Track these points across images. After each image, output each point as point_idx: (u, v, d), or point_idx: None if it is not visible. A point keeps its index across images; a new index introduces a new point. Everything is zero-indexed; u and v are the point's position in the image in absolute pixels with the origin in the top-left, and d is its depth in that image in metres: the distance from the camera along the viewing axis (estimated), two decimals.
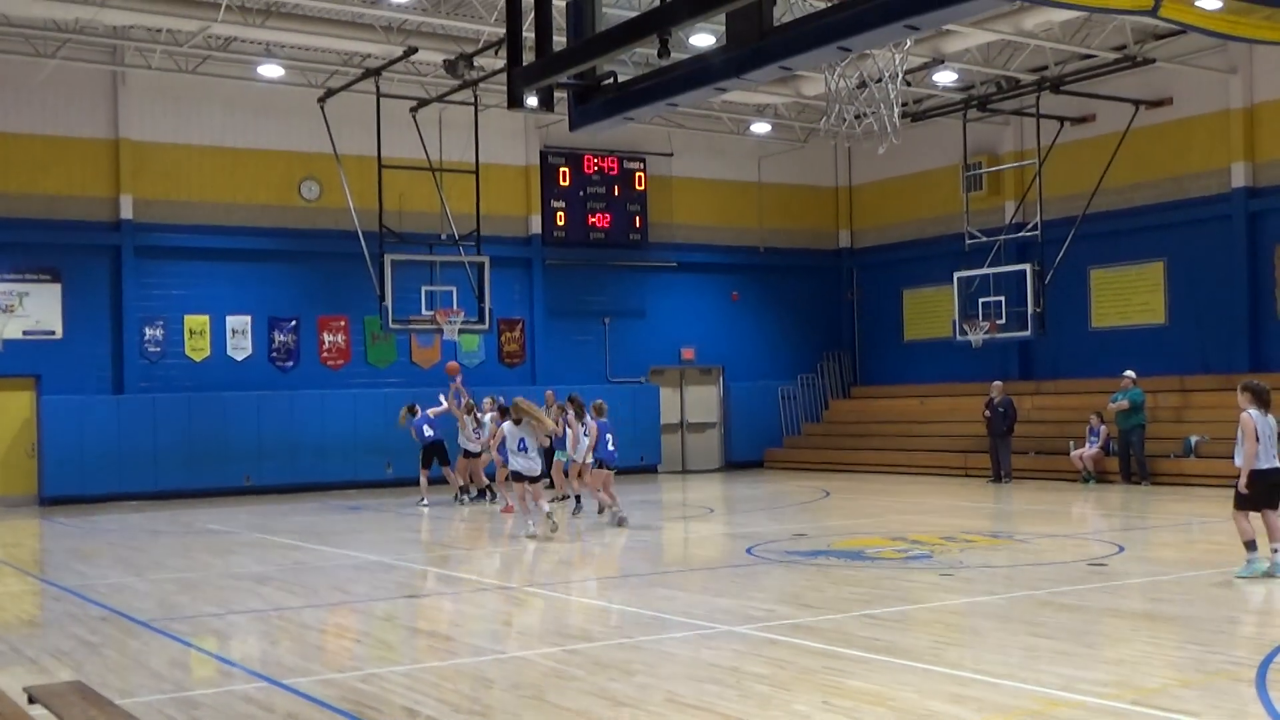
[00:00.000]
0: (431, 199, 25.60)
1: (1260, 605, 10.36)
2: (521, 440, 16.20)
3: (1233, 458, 11.81)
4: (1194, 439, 22.78)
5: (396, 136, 25.02)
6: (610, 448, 17.64)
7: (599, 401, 18.07)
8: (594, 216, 29.18)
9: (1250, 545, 11.46)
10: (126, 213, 24.86)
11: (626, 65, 8.17)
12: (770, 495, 23.30)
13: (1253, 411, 11.36)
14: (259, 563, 14.52)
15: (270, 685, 8.11)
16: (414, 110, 25.11)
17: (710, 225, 30.87)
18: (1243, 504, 11.47)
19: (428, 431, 21.80)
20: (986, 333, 25.78)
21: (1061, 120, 26.40)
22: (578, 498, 19.16)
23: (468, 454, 21.35)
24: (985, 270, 26.08)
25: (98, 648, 9.52)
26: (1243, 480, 11.44)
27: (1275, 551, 11.43)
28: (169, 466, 24.38)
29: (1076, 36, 23.76)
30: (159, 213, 25.25)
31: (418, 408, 21.99)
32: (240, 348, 25.94)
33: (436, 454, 21.92)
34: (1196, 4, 17.68)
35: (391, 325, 23.95)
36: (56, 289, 24.42)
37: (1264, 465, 11.32)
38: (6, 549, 16.94)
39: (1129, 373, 23.09)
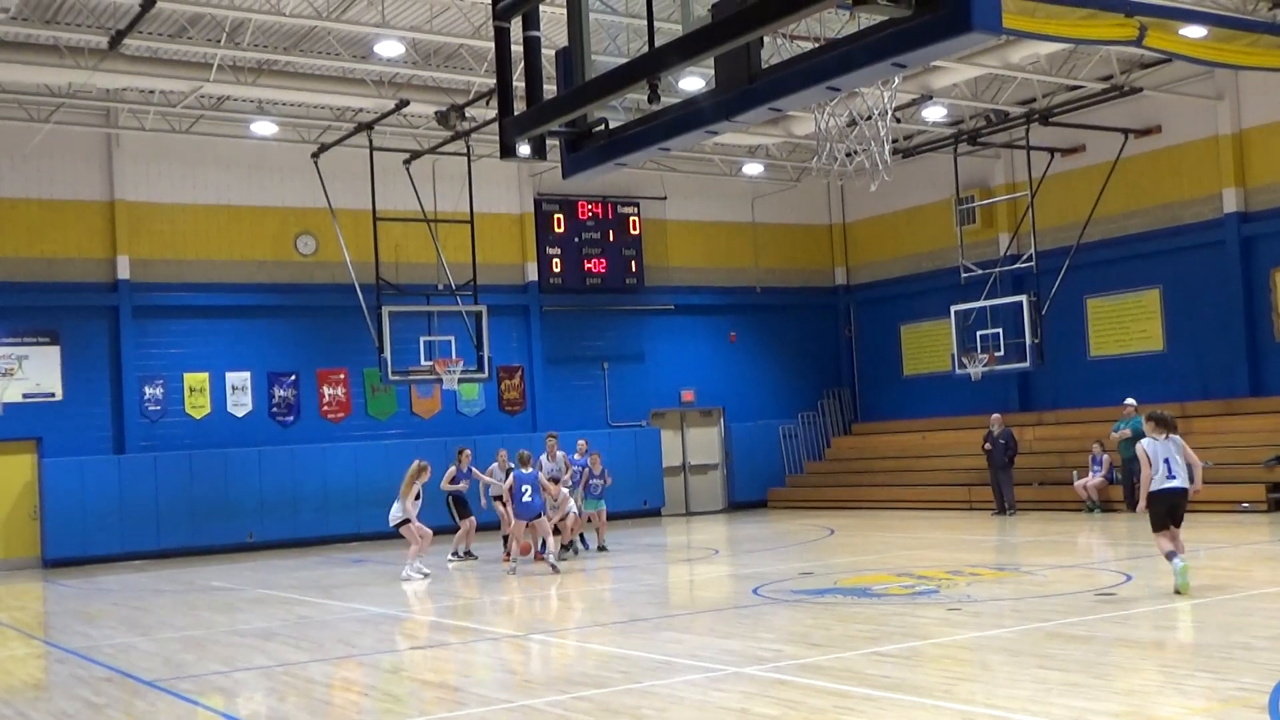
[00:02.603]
0: (427, 250, 25.73)
1: (1271, 630, 10.32)
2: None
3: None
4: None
5: (391, 189, 25.18)
6: (525, 499, 17.79)
7: (523, 452, 18.59)
8: (589, 262, 29.26)
9: (1172, 556, 12.46)
10: (124, 273, 24.93)
11: (617, 111, 8.22)
12: (775, 534, 23.24)
13: (1145, 441, 12.55)
14: (264, 619, 14.46)
15: None
16: (407, 162, 25.27)
17: (706, 267, 30.97)
18: (1155, 525, 12.57)
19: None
20: (985, 365, 25.81)
21: (1052, 151, 26.54)
22: (573, 543, 19.70)
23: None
24: (982, 303, 26.15)
25: (103, 709, 9.47)
26: (1141, 503, 12.67)
27: (1179, 561, 12.36)
28: (171, 525, 24.33)
29: (1063, 68, 23.92)
30: (156, 272, 25.32)
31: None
32: (240, 404, 25.94)
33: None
34: (1181, 32, 17.87)
35: (391, 377, 23.99)
36: (55, 351, 24.45)
37: (1158, 487, 12.45)
38: (10, 612, 16.87)
39: (1130, 400, 23.10)
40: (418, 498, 18.74)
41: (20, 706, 9.77)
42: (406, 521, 18.59)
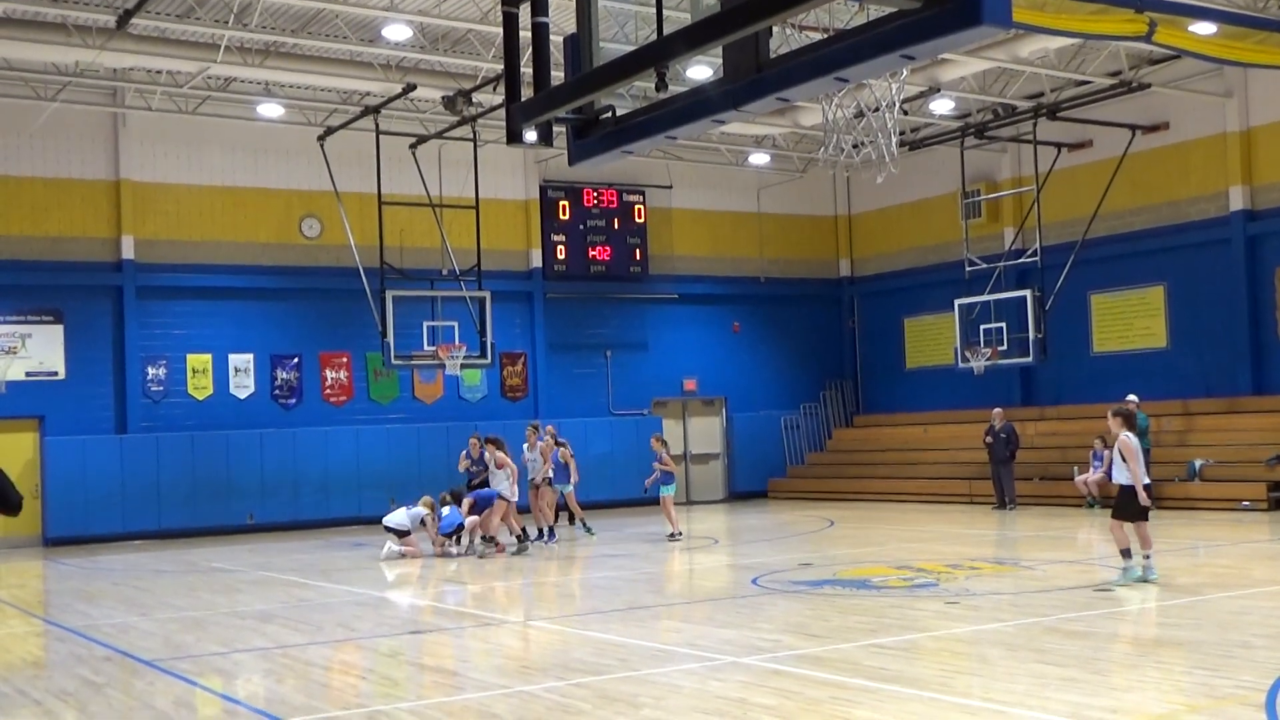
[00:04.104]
0: (432, 235, 25.71)
1: (1269, 629, 10.32)
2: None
3: (1109, 475, 13.30)
4: (1198, 463, 22.76)
5: (396, 173, 25.15)
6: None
7: (438, 496, 19.36)
8: (594, 249, 29.25)
9: (1125, 554, 12.75)
10: (128, 253, 24.94)
11: (624, 99, 8.20)
12: (775, 525, 23.25)
13: (1130, 435, 12.66)
14: (263, 600, 14.49)
15: None
16: (413, 147, 25.24)
17: (710, 256, 30.94)
18: (1116, 514, 12.81)
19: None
20: (988, 359, 25.79)
21: (1059, 146, 26.49)
22: (550, 529, 20.06)
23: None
24: (986, 297, 26.12)
25: (102, 688, 9.49)
26: (1143, 496, 12.55)
27: (1147, 558, 12.63)
28: (172, 505, 24.37)
29: (1072, 63, 23.87)
30: (160, 253, 25.32)
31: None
32: (243, 386, 25.96)
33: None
34: (1191, 29, 17.78)
35: (394, 361, 24.00)
36: (59, 330, 24.46)
37: (1146, 481, 12.66)
38: (10, 590, 16.90)
39: (1132, 397, 23.04)
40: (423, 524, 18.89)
41: (19, 684, 9.79)
42: (408, 533, 18.66)
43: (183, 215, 25.60)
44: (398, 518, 18.84)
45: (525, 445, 20.52)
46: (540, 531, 20.17)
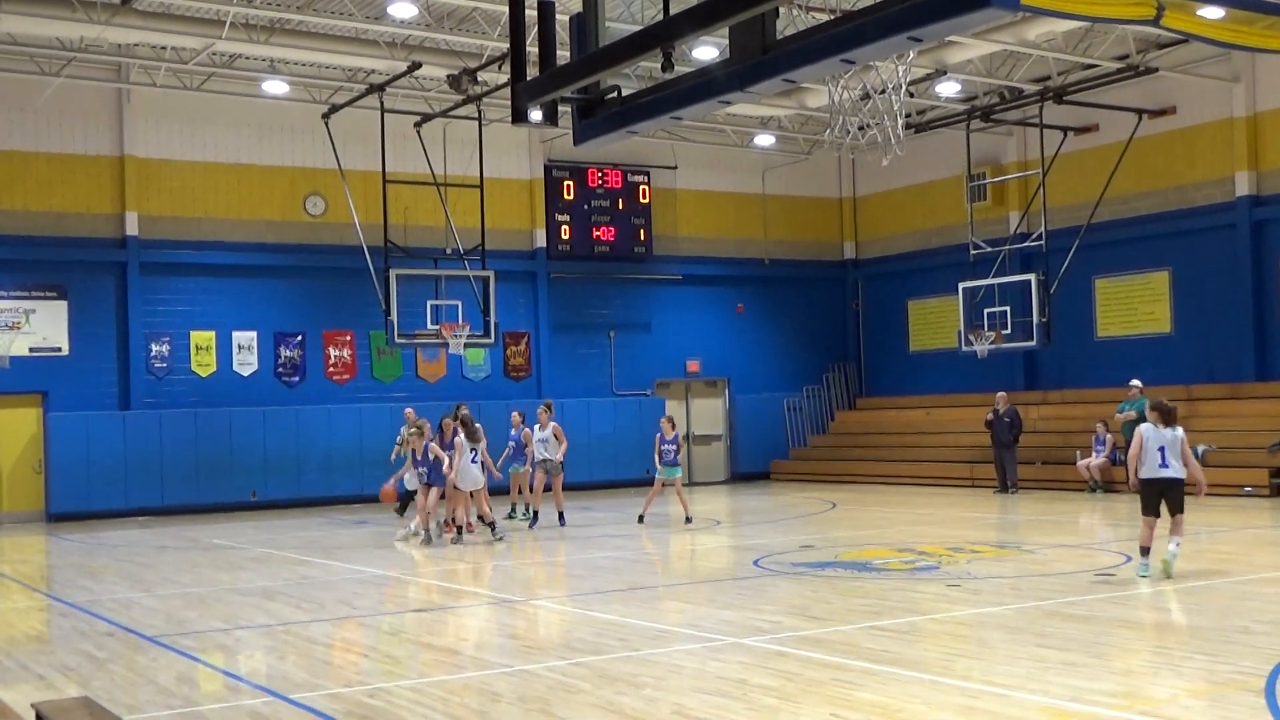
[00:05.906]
0: (436, 213, 25.70)
1: (1269, 615, 10.33)
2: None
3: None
4: (1201, 448, 22.67)
5: (401, 151, 25.12)
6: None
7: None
8: (598, 230, 29.22)
9: (1144, 551, 12.42)
10: (132, 229, 24.93)
11: (630, 79, 8.18)
12: (777, 507, 23.28)
13: (1145, 426, 12.66)
14: (266, 577, 14.53)
15: (277, 700, 8.12)
16: (418, 125, 25.21)
17: (715, 238, 30.91)
18: (1144, 509, 12.60)
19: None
20: (992, 343, 25.78)
21: (1065, 130, 26.41)
22: (536, 511, 19.93)
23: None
24: (990, 280, 26.10)
25: (105, 663, 9.52)
26: (1131, 479, 12.77)
27: (1173, 543, 12.40)
28: (175, 482, 24.41)
29: (1079, 46, 23.79)
30: (164, 229, 25.31)
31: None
32: (246, 363, 25.97)
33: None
34: (1199, 13, 17.69)
35: (397, 340, 24.00)
36: (63, 306, 24.47)
37: (1151, 475, 12.55)
38: (14, 565, 16.95)
39: (1135, 382, 23.07)
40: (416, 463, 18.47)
41: (22, 659, 9.83)
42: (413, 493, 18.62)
43: (187, 192, 25.58)
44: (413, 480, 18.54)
45: (536, 425, 20.28)
46: (559, 515, 20.03)
